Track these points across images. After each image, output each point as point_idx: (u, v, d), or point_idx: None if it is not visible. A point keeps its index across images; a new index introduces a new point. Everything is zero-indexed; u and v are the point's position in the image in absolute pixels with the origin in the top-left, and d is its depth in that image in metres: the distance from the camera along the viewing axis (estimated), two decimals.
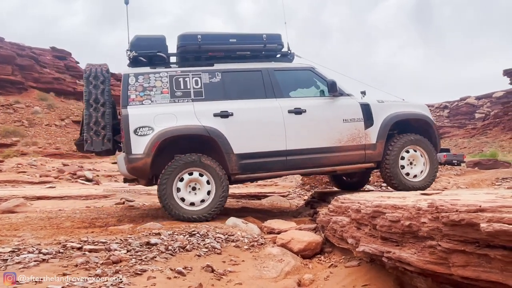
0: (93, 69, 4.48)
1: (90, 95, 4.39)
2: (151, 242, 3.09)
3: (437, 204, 1.70)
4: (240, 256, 3.22)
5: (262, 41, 4.83)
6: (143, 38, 4.60)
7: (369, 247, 2.30)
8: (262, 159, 4.43)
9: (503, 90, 47.08)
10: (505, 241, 1.32)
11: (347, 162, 4.72)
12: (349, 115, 4.73)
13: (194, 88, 4.43)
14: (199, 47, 4.60)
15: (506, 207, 1.39)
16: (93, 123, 4.32)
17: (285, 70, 4.93)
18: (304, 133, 4.58)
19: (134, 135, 4.10)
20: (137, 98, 4.29)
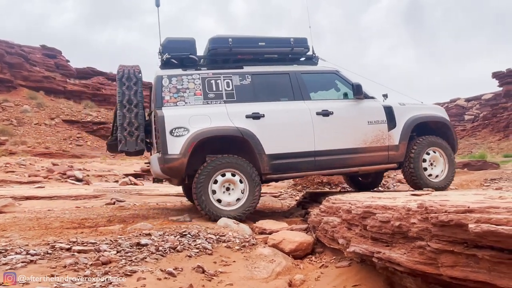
0: (125, 70, 4.54)
1: (123, 96, 4.44)
2: (142, 242, 3.06)
3: (427, 205, 1.71)
4: (231, 257, 3.21)
5: (289, 45, 4.94)
6: (174, 41, 4.68)
7: (359, 247, 2.31)
8: (292, 160, 4.52)
9: (492, 92, 47.81)
10: (493, 241, 1.34)
11: (371, 162, 4.84)
12: (374, 117, 4.86)
13: (226, 90, 4.53)
14: (230, 50, 4.70)
15: (494, 208, 1.41)
16: (127, 123, 4.39)
17: (311, 73, 5.03)
18: (332, 135, 4.68)
19: (170, 135, 4.17)
20: (171, 99, 4.37)
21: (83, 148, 22.79)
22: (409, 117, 4.97)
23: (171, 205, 6.61)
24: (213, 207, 4.25)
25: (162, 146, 4.17)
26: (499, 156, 25.87)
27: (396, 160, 4.91)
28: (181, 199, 7.81)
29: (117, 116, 4.53)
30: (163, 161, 4.17)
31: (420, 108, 5.24)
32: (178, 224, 4.19)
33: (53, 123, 25.70)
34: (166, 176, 4.46)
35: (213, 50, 4.74)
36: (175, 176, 4.41)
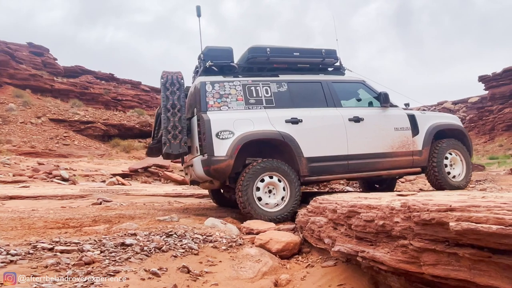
0: (169, 76, 4.69)
1: (167, 101, 4.58)
2: (126, 242, 3.02)
3: (409, 204, 1.72)
4: (217, 257, 3.19)
5: (321, 55, 5.25)
6: (214, 49, 4.92)
7: (344, 246, 2.31)
8: (327, 163, 4.75)
9: (478, 95, 48.70)
10: (473, 239, 1.35)
11: (398, 167, 5.12)
12: (399, 124, 5.18)
13: (265, 96, 4.78)
14: (267, 59, 4.96)
15: (475, 206, 1.42)
16: (171, 127, 4.52)
17: (340, 82, 5.35)
18: (363, 140, 4.94)
19: (216, 138, 4.34)
20: (215, 104, 4.56)
21: (70, 147, 22.44)
22: (430, 125, 5.33)
23: (159, 205, 6.55)
24: (258, 209, 4.38)
25: (207, 148, 4.31)
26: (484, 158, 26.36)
27: (420, 165, 5.20)
28: (169, 199, 7.75)
29: (161, 120, 4.67)
30: (209, 163, 4.30)
31: (439, 117, 5.68)
32: (164, 224, 4.15)
33: (39, 122, 25.25)
34: (209, 178, 4.52)
35: (252, 58, 4.96)
36: (219, 178, 4.50)
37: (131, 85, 41.54)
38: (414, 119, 5.27)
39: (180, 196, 8.39)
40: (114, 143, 23.94)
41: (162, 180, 13.99)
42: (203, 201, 7.68)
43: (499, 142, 36.50)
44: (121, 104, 37.19)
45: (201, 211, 5.86)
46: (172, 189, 10.09)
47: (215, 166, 4.29)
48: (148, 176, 14.26)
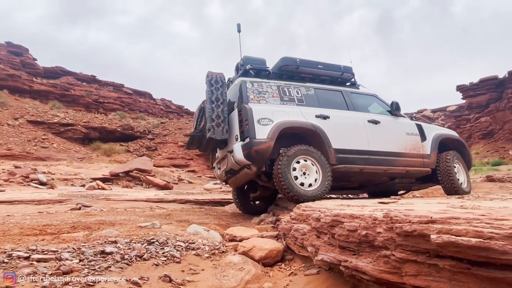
0: (214, 75, 5.31)
1: (212, 94, 5.15)
2: (106, 250, 2.95)
3: (392, 215, 1.75)
4: (200, 265, 3.15)
5: (340, 70, 6.04)
6: (251, 58, 5.68)
7: (327, 255, 2.32)
8: (352, 155, 5.28)
9: (456, 104, 50.14)
10: (453, 251, 1.38)
11: (411, 165, 5.75)
12: (410, 130, 5.92)
13: (297, 96, 5.44)
14: (297, 68, 5.69)
15: (455, 218, 1.46)
16: (215, 116, 5.06)
17: (357, 93, 6.10)
18: (381, 139, 5.58)
19: (258, 124, 4.84)
20: (255, 98, 5.16)
21: (49, 150, 21.84)
22: (435, 134, 6.11)
23: (140, 211, 6.44)
24: (295, 187, 4.73)
25: (250, 132, 4.79)
26: None
27: (429, 166, 5.88)
28: (151, 205, 7.63)
29: (204, 112, 5.27)
30: (251, 145, 4.73)
31: (440, 129, 6.46)
32: (146, 231, 4.08)
33: (17, 124, 24.51)
34: (248, 162, 4.89)
35: (284, 66, 5.66)
36: (259, 160, 4.88)
37: (114, 88, 40.91)
38: (421, 127, 6.05)
39: (162, 202, 8.28)
40: (94, 147, 23.45)
41: (144, 184, 13.79)
42: (185, 207, 7.60)
43: (476, 150, 37.62)
44: (103, 106, 36.53)
45: (184, 217, 5.80)
46: (154, 194, 9.94)
47: (257, 147, 4.72)
48: (129, 181, 14.03)
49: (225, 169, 5.50)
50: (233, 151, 4.99)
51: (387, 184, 6.35)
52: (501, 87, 41.21)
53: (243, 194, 6.33)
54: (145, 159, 16.71)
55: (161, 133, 25.74)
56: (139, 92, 43.39)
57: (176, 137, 24.85)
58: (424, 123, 6.27)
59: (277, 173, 4.73)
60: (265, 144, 4.74)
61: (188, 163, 22.24)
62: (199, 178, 20.02)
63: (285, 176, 4.68)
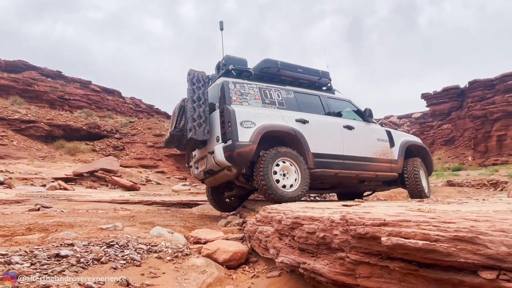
0: (195, 74, 5.29)
1: (194, 93, 5.13)
2: (61, 254, 2.83)
3: (347, 218, 1.78)
4: (161, 268, 3.08)
5: (318, 75, 6.21)
6: (233, 58, 5.70)
7: (287, 258, 2.33)
8: (329, 160, 5.43)
9: (420, 111, 52.23)
10: (402, 253, 1.42)
11: (381, 170, 6.01)
12: (380, 136, 6.17)
13: (277, 99, 5.52)
14: (278, 71, 5.79)
15: (406, 221, 1.50)
16: (197, 116, 5.04)
17: (332, 98, 6.26)
18: (354, 144, 5.77)
19: (240, 126, 4.87)
20: (237, 99, 5.16)
21: (8, 148, 20.72)
22: (402, 140, 6.43)
23: (103, 213, 6.24)
24: (276, 189, 4.78)
25: (232, 134, 4.79)
26: None
27: (396, 171, 6.17)
28: (115, 206, 7.41)
29: (184, 111, 5.25)
30: (233, 147, 4.74)
31: (407, 135, 6.78)
32: (107, 233, 3.95)
33: None
34: (228, 164, 4.90)
35: (266, 68, 5.73)
36: (240, 163, 4.91)
37: (80, 84, 39.47)
38: (390, 134, 6.33)
39: (127, 203, 8.06)
40: (58, 145, 22.47)
41: (109, 185, 13.38)
42: (151, 209, 7.44)
43: (438, 156, 39.33)
44: (68, 103, 35.14)
45: (149, 219, 5.67)
46: (119, 195, 9.66)
47: (239, 150, 4.74)
48: (94, 181, 13.57)
49: (203, 169, 5.48)
50: (214, 152, 4.99)
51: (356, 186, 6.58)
52: (462, 96, 43.36)
53: (218, 192, 6.34)
54: (111, 159, 16.22)
55: (129, 133, 25.07)
56: (107, 90, 42.08)
57: (145, 137, 24.30)
58: (393, 129, 6.53)
59: (258, 175, 4.78)
60: (248, 147, 4.78)
61: (157, 164, 21.81)
62: (168, 179, 19.67)
63: (266, 178, 4.75)
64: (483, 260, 1.19)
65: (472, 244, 1.22)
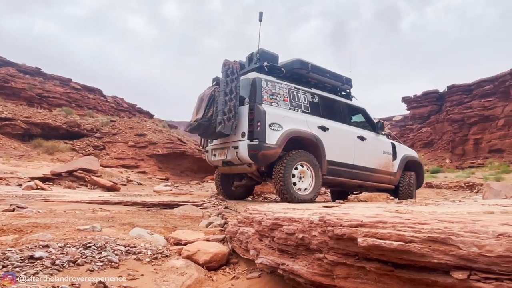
0: (230, 65, 5.18)
1: (227, 86, 5.05)
2: (36, 256, 2.74)
3: (326, 219, 1.79)
4: (139, 270, 3.03)
5: (342, 81, 6.38)
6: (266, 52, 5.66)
7: (267, 259, 2.34)
8: (339, 168, 5.62)
9: (401, 114, 53.29)
10: (378, 254, 1.44)
11: (381, 181, 6.32)
12: (386, 148, 6.49)
13: (303, 103, 5.62)
14: (307, 73, 5.88)
15: (383, 222, 1.53)
16: (227, 110, 5.00)
17: (350, 105, 6.43)
18: (364, 155, 5.99)
19: (269, 128, 4.97)
20: (268, 99, 5.22)
21: None
22: (404, 154, 6.74)
23: (81, 213, 6.09)
24: (292, 191, 4.94)
25: (260, 135, 4.90)
26: None
27: (393, 183, 6.52)
28: (94, 207, 7.24)
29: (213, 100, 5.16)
30: (259, 148, 4.86)
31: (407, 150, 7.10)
32: (84, 235, 3.86)
33: None
34: (250, 161, 5.03)
35: (297, 69, 5.80)
36: (262, 163, 5.08)
37: (60, 82, 38.52)
38: (395, 147, 6.62)
39: (107, 204, 7.89)
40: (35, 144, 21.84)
41: (89, 185, 13.10)
42: (131, 209, 7.31)
43: None
44: (47, 101, 34.23)
45: (128, 220, 5.57)
46: (98, 195, 9.46)
47: (265, 151, 4.89)
48: (73, 181, 13.26)
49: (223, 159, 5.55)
50: (238, 147, 5.11)
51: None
52: (441, 100, 44.48)
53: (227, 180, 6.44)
54: (91, 159, 15.88)
55: (110, 132, 24.61)
56: (88, 88, 41.23)
57: (126, 137, 23.91)
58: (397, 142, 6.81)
59: (278, 176, 4.93)
60: (273, 150, 4.92)
61: (138, 164, 21.49)
62: (150, 179, 19.41)
63: (285, 180, 4.90)
64: (455, 261, 1.22)
65: (445, 245, 1.25)
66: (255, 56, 5.69)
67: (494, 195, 8.07)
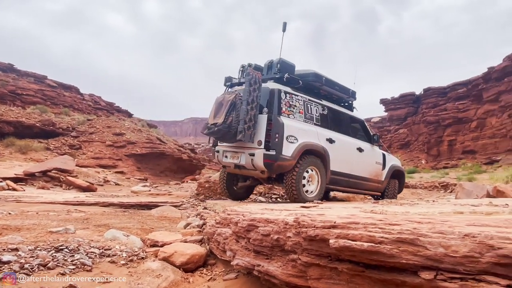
0: (253, 75, 5.29)
1: (249, 96, 5.17)
2: (3, 259, 2.64)
3: (300, 220, 1.80)
4: (114, 273, 2.97)
5: (349, 94, 6.68)
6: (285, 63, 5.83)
7: (242, 260, 2.33)
8: (339, 177, 5.95)
9: (379, 116, 54.36)
10: (349, 255, 1.46)
11: (371, 189, 6.76)
12: (378, 159, 6.86)
13: (315, 115, 5.88)
14: (321, 85, 6.09)
15: (355, 223, 1.55)
16: (248, 119, 5.14)
17: (352, 116, 6.77)
18: (360, 165, 6.36)
19: (286, 140, 5.18)
20: (286, 111, 5.42)
21: None
22: (391, 164, 7.17)
23: (55, 215, 5.92)
24: (301, 194, 5.23)
25: (277, 146, 5.11)
26: None
27: (380, 191, 6.96)
28: (68, 208, 7.05)
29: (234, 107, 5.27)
30: (276, 159, 5.07)
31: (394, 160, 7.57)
32: (57, 237, 3.75)
33: None
34: (264, 169, 5.21)
35: (312, 82, 6.00)
36: (275, 171, 5.28)
37: (35, 79, 37.27)
38: (385, 158, 7.02)
39: (82, 205, 7.69)
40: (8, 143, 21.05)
41: (64, 186, 12.74)
42: (108, 210, 7.16)
43: None
44: (21, 99, 33.03)
45: (104, 221, 5.46)
46: (74, 196, 9.22)
47: (281, 162, 5.10)
48: (47, 181, 12.86)
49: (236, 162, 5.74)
50: (254, 155, 5.30)
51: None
52: (417, 103, 45.66)
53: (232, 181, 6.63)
54: (66, 158, 15.45)
55: (87, 131, 23.98)
56: (64, 85, 40.06)
57: (104, 136, 23.36)
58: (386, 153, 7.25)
59: (290, 181, 5.21)
60: (288, 162, 5.15)
61: (116, 164, 21.02)
62: (128, 179, 19.04)
63: (297, 183, 5.22)
64: (422, 261, 1.25)
65: (413, 245, 1.28)
66: (275, 66, 5.85)
67: (466, 195, 8.31)
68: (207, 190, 9.51)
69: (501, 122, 32.54)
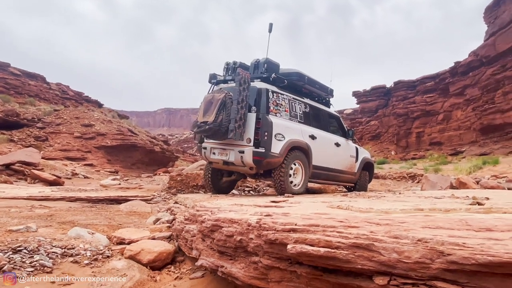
0: (244, 75, 5.45)
1: (239, 95, 5.33)
2: None
3: (262, 222, 1.79)
4: (76, 274, 2.88)
5: (327, 92, 7.03)
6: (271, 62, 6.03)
7: (207, 260, 2.31)
8: (320, 171, 6.30)
9: (352, 108, 55.36)
10: (307, 260, 1.47)
11: (346, 181, 7.30)
12: (352, 153, 7.31)
13: (299, 113, 6.16)
14: (304, 84, 6.36)
15: (315, 226, 1.55)
16: (238, 118, 5.30)
17: (330, 114, 7.21)
18: (338, 159, 6.81)
19: (274, 138, 5.41)
20: (274, 110, 5.65)
21: None
22: (363, 157, 7.65)
23: (16, 211, 5.68)
24: (288, 186, 5.54)
25: (266, 144, 5.33)
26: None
27: (353, 182, 7.53)
28: (32, 203, 6.78)
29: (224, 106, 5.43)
30: (265, 156, 5.30)
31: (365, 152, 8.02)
32: (16, 236, 3.59)
33: None
34: (253, 165, 5.42)
35: (296, 81, 6.24)
36: (264, 167, 5.51)
37: None
38: (357, 151, 7.50)
39: (47, 200, 7.43)
40: None
41: (28, 179, 12.24)
42: (74, 206, 6.94)
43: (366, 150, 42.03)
44: None
45: (69, 218, 5.29)
46: (38, 191, 8.88)
47: (269, 159, 5.36)
48: (10, 175, 12.32)
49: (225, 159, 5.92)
50: (244, 152, 5.50)
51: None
52: (388, 95, 46.80)
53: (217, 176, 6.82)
54: (31, 151, 14.83)
55: (54, 122, 23.06)
56: (29, 74, 38.17)
57: (72, 127, 22.55)
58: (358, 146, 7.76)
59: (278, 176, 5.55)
60: (277, 159, 5.43)
61: (85, 156, 20.39)
62: (98, 172, 18.54)
63: (285, 175, 5.54)
64: (377, 267, 1.27)
65: (368, 251, 1.30)
66: (262, 65, 6.09)
67: (431, 186, 8.66)
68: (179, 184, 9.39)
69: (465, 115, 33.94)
